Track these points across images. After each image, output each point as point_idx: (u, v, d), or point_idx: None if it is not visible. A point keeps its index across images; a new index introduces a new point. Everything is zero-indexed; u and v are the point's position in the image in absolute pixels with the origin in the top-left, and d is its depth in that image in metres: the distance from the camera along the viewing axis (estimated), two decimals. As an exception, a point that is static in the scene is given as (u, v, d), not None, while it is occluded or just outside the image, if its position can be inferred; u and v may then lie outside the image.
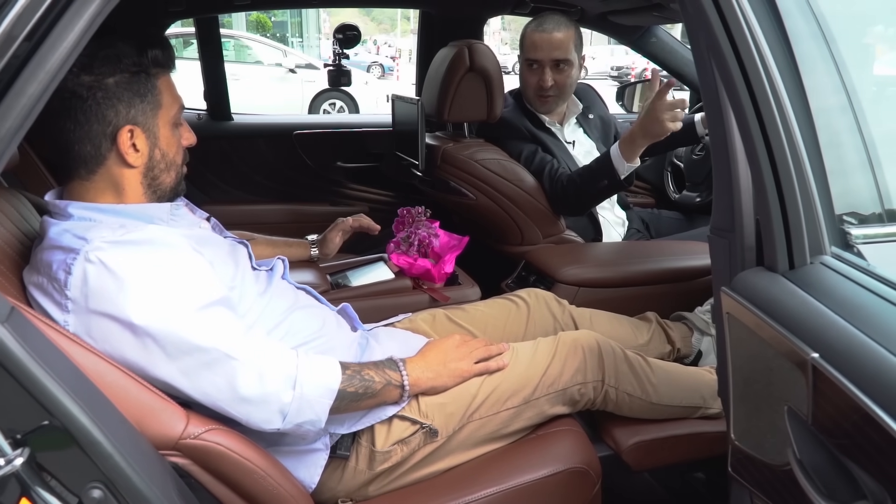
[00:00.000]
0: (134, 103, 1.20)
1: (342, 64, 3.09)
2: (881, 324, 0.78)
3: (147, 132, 1.23)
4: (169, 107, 1.26)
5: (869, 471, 0.74)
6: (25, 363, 0.81)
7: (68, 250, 1.10)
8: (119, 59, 1.17)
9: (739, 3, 0.92)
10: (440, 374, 1.37)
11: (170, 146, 1.28)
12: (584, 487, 1.38)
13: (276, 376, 1.16)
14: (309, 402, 1.18)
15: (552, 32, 2.31)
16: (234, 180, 3.09)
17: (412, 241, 2.06)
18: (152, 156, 1.25)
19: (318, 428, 1.22)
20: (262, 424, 1.16)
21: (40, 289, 1.11)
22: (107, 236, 1.11)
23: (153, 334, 1.08)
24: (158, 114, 1.24)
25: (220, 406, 1.13)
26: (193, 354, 1.11)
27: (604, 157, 2.18)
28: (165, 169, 1.28)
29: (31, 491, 0.85)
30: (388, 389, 1.30)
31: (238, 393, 1.13)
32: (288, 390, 1.16)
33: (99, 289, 1.07)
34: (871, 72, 1.55)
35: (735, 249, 1.06)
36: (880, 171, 1.04)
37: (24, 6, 0.79)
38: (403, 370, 1.33)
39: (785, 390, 0.87)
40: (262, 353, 1.17)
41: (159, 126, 1.25)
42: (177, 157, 1.31)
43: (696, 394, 1.58)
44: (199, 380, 1.12)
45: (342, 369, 1.24)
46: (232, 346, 1.13)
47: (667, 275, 2.15)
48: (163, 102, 1.25)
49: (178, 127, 1.30)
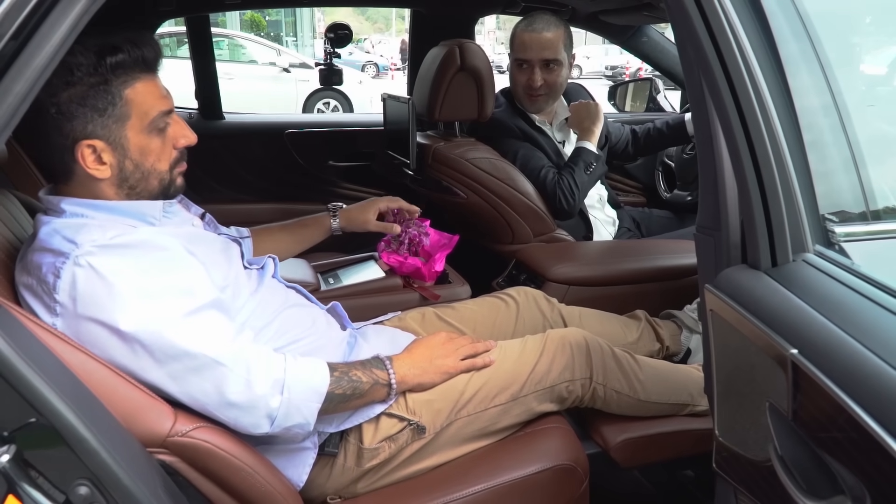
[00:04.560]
0: (91, 118, 1.14)
1: (333, 63, 3.10)
2: (860, 320, 0.79)
3: (113, 145, 1.18)
4: (142, 115, 1.19)
5: (847, 466, 0.75)
6: (12, 360, 0.82)
7: (58, 253, 1.10)
8: (71, 71, 1.10)
9: (721, 3, 0.92)
10: (426, 371, 1.37)
11: (145, 155, 1.22)
12: (572, 484, 1.39)
13: (264, 381, 1.16)
14: (297, 406, 1.18)
15: (542, 32, 2.32)
16: (225, 179, 3.09)
17: (403, 240, 2.06)
18: (122, 167, 1.21)
19: (307, 431, 1.22)
20: (250, 429, 1.16)
21: (30, 290, 1.11)
22: (97, 239, 1.11)
23: (141, 340, 1.08)
24: (126, 125, 1.18)
25: (208, 410, 1.14)
26: (182, 360, 1.11)
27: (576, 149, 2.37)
28: (143, 178, 1.23)
29: (17, 488, 0.85)
30: (376, 389, 1.30)
31: (226, 398, 1.13)
32: (276, 395, 1.16)
33: (88, 293, 1.08)
34: (858, 71, 1.56)
35: (720, 247, 1.07)
36: (865, 170, 1.05)
37: (11, 5, 0.79)
38: (390, 368, 1.33)
39: (766, 386, 0.88)
40: (250, 358, 1.17)
41: (128, 137, 1.19)
42: (158, 164, 1.24)
43: (684, 391, 1.59)
44: (188, 385, 1.12)
45: (330, 371, 1.24)
46: (220, 351, 1.13)
47: (657, 273, 2.16)
48: (131, 112, 1.18)
49: (160, 132, 1.23)
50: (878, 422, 0.68)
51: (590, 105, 2.46)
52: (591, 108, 2.44)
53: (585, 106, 2.45)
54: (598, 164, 2.36)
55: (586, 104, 2.47)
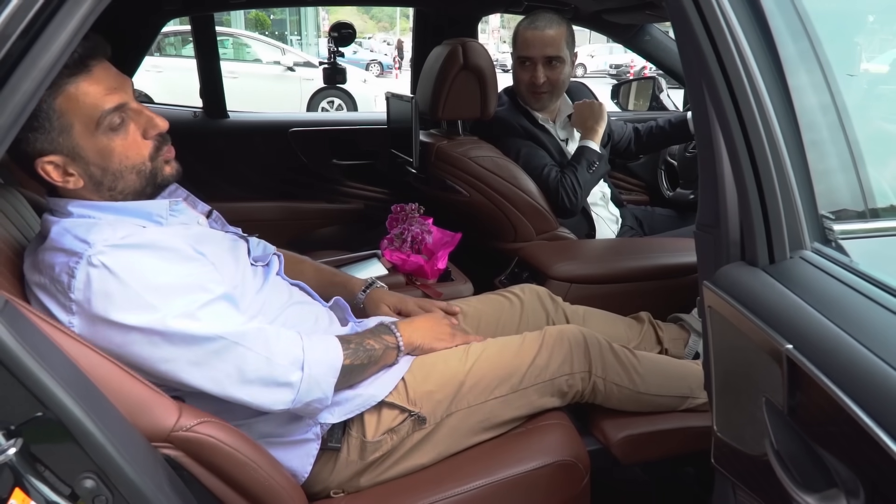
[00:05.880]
0: (35, 137, 1.11)
1: (337, 62, 3.11)
2: (854, 316, 0.80)
3: (70, 156, 1.15)
4: (86, 120, 1.13)
5: (841, 460, 0.76)
6: (19, 355, 0.83)
7: (71, 253, 1.11)
8: None
9: (719, 2, 0.93)
10: (426, 336, 1.47)
11: (107, 158, 1.17)
12: (573, 480, 1.39)
13: (284, 359, 1.20)
14: (317, 380, 1.22)
15: (544, 30, 2.33)
16: (229, 178, 3.11)
17: (405, 238, 2.08)
18: (91, 174, 1.18)
19: (326, 405, 1.27)
20: (272, 406, 1.20)
21: (44, 289, 1.13)
22: (109, 238, 1.13)
23: (160, 332, 1.11)
24: (73, 134, 1.13)
25: (230, 393, 1.17)
26: (202, 345, 1.14)
27: (578, 148, 2.37)
28: (116, 178, 1.20)
29: (24, 481, 0.86)
30: (388, 353, 1.39)
31: (247, 377, 1.16)
32: (296, 371, 1.20)
33: (103, 292, 1.09)
34: (858, 69, 1.57)
35: (720, 245, 1.08)
36: (864, 169, 1.06)
37: (19, 5, 0.80)
38: (397, 332, 1.42)
39: (763, 382, 0.89)
40: (269, 337, 1.20)
41: (81, 145, 1.15)
42: (128, 161, 1.19)
43: (683, 384, 1.60)
44: (209, 369, 1.15)
45: (346, 344, 1.30)
46: (238, 332, 1.16)
47: (659, 271, 2.17)
48: (72, 120, 1.12)
49: (117, 129, 1.17)
50: (871, 416, 0.69)
51: (593, 104, 2.47)
52: (595, 107, 2.45)
53: (589, 105, 2.46)
54: (601, 163, 2.37)
55: (590, 103, 2.48)
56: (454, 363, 1.43)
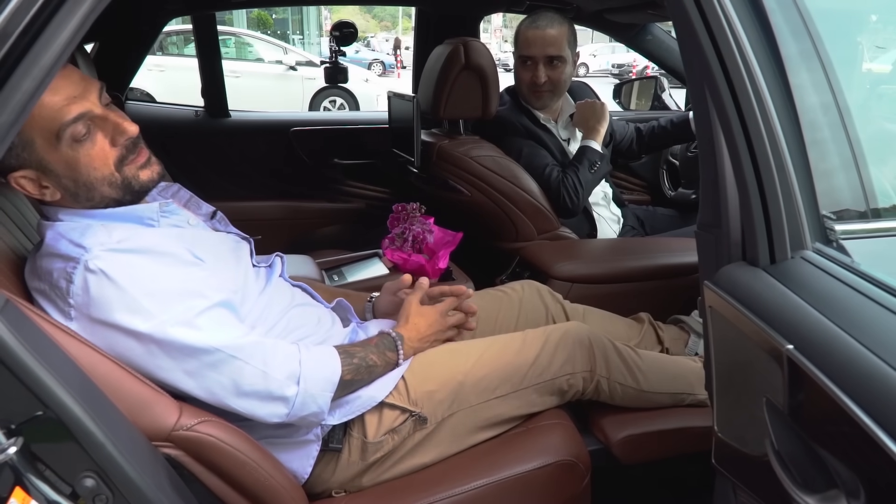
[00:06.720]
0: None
1: (339, 61, 3.11)
2: (855, 317, 0.79)
3: (40, 170, 1.12)
4: (45, 134, 1.08)
5: (841, 460, 0.75)
6: (19, 354, 0.83)
7: (67, 258, 1.10)
8: None
9: (720, 1, 0.93)
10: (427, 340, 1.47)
11: (75, 169, 1.13)
12: (574, 480, 1.39)
13: (280, 373, 1.19)
14: (312, 395, 1.21)
15: (546, 29, 2.33)
16: (231, 177, 3.11)
17: (406, 237, 2.08)
18: (64, 186, 1.15)
19: (321, 419, 1.26)
20: (267, 418, 1.19)
21: (44, 295, 1.13)
22: (105, 242, 1.12)
23: (157, 340, 1.10)
24: (35, 149, 1.09)
25: (225, 403, 1.16)
26: (198, 356, 1.13)
27: (580, 148, 2.37)
28: (90, 188, 1.16)
29: (25, 480, 0.86)
30: (387, 368, 1.39)
31: (243, 390, 1.16)
32: (292, 386, 1.19)
33: (100, 297, 1.09)
34: (860, 69, 1.56)
35: (721, 245, 1.08)
36: (866, 168, 1.05)
37: (19, 4, 0.80)
38: (401, 349, 1.41)
39: (763, 382, 0.88)
40: (266, 350, 1.19)
41: (47, 159, 1.11)
42: (95, 171, 1.14)
43: (684, 380, 1.61)
44: (205, 380, 1.14)
45: (349, 357, 1.30)
46: (235, 345, 1.15)
47: (660, 271, 2.16)
48: (31, 135, 1.08)
49: (82, 140, 1.12)
50: (872, 417, 0.68)
51: (595, 104, 2.47)
52: (597, 107, 2.45)
53: (591, 105, 2.47)
54: (603, 163, 2.37)
55: (592, 103, 2.48)
56: (455, 363, 1.43)
